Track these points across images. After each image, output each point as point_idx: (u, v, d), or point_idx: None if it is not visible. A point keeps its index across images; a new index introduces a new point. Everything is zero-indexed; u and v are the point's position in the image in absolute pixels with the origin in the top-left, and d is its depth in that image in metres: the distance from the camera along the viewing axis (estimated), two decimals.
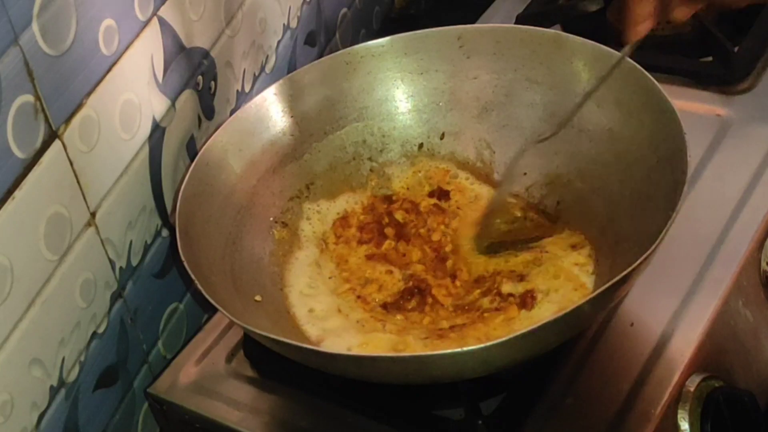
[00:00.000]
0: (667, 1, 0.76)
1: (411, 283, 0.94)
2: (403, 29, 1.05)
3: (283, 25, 1.16)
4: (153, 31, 0.91)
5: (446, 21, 1.05)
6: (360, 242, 0.99)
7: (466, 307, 0.91)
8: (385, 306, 0.93)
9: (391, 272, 0.96)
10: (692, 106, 1.05)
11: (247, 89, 1.10)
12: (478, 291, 0.92)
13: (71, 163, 0.82)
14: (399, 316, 0.91)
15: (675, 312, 0.89)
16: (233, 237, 0.95)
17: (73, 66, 0.81)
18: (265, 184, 1.00)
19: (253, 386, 0.93)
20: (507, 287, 0.90)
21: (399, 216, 1.00)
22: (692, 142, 0.84)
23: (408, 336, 0.88)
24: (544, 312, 0.87)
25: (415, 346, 0.86)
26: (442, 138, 1.05)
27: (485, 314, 0.89)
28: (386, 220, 1.00)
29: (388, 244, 0.98)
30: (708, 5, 0.74)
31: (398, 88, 1.05)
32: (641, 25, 0.77)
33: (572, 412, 0.84)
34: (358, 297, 0.94)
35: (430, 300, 0.93)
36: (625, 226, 0.91)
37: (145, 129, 0.93)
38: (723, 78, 1.10)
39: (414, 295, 0.93)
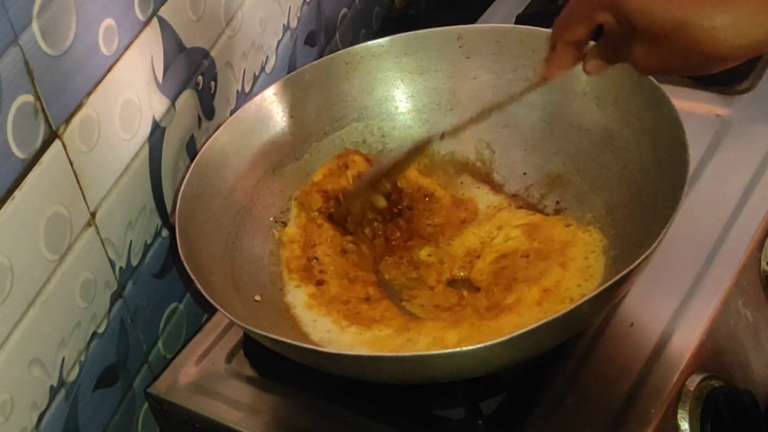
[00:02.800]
0: (585, 55, 0.81)
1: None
2: (403, 29, 1.05)
3: (283, 25, 1.16)
4: (153, 31, 0.91)
5: (446, 21, 1.05)
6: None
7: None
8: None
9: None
10: (692, 106, 1.05)
11: (247, 89, 1.10)
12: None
13: (71, 163, 0.82)
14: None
15: (675, 312, 0.89)
16: (233, 237, 0.95)
17: (73, 66, 0.81)
18: (265, 184, 1.00)
19: (253, 386, 0.93)
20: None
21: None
22: (692, 142, 0.84)
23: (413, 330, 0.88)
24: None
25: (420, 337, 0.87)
26: (442, 138, 1.05)
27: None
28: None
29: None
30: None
31: (398, 88, 1.05)
32: (560, 69, 0.82)
33: (572, 412, 0.84)
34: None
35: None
36: (625, 226, 0.91)
37: (145, 129, 0.93)
38: (723, 78, 1.09)
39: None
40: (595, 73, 0.81)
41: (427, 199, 1.02)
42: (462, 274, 0.95)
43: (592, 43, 0.79)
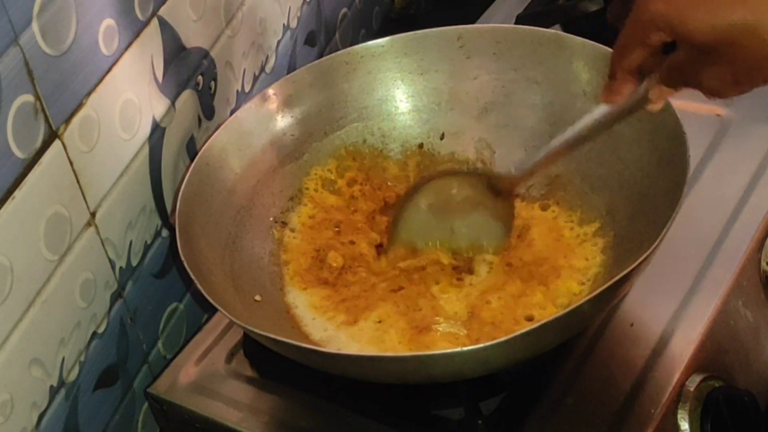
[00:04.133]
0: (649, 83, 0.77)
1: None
2: (403, 29, 1.05)
3: (283, 25, 1.16)
4: (153, 31, 0.91)
5: (446, 21, 1.05)
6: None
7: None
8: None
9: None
10: (692, 106, 1.05)
11: (247, 89, 1.10)
12: None
13: (71, 163, 0.82)
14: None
15: (675, 312, 0.89)
16: (233, 237, 0.95)
17: (73, 66, 0.81)
18: (265, 184, 1.00)
19: (253, 386, 0.93)
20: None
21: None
22: (692, 142, 0.84)
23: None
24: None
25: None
26: (442, 138, 1.05)
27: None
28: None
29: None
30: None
31: (398, 88, 1.05)
32: (619, 97, 0.79)
33: (572, 412, 0.84)
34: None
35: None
36: (625, 226, 0.91)
37: (145, 129, 0.93)
38: None
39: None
40: (660, 102, 0.77)
41: None
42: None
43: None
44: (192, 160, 0.97)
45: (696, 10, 0.65)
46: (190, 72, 0.98)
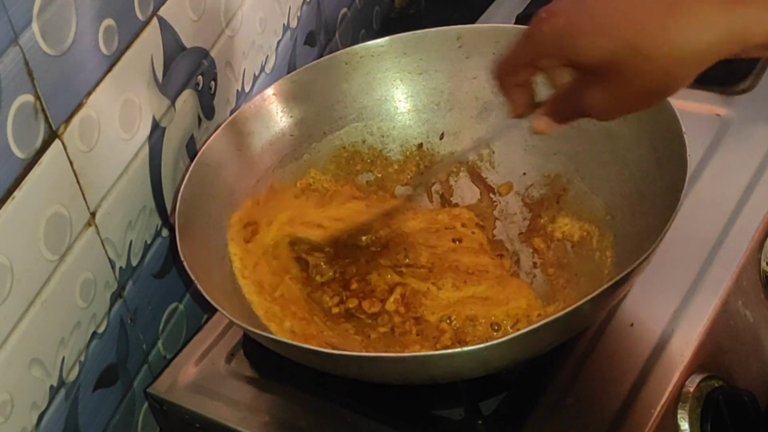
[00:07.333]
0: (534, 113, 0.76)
1: None
2: (403, 29, 1.05)
3: (283, 25, 1.16)
4: (153, 31, 0.91)
5: (446, 21, 1.05)
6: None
7: None
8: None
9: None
10: (692, 106, 1.05)
11: (247, 89, 1.10)
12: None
13: (71, 163, 0.82)
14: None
15: (675, 312, 0.89)
16: None
17: (73, 66, 0.81)
18: (265, 185, 1.00)
19: (253, 386, 0.93)
20: None
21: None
22: (692, 142, 0.84)
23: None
24: None
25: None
26: (441, 138, 1.05)
27: None
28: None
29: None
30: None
31: (397, 88, 1.05)
32: (526, 108, 0.77)
33: (572, 412, 0.84)
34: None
35: None
36: (625, 226, 0.91)
37: (145, 129, 0.93)
38: (723, 78, 1.09)
39: None
40: (544, 132, 0.76)
41: None
42: None
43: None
44: (192, 160, 0.97)
45: (584, 33, 0.66)
46: (190, 72, 0.98)
